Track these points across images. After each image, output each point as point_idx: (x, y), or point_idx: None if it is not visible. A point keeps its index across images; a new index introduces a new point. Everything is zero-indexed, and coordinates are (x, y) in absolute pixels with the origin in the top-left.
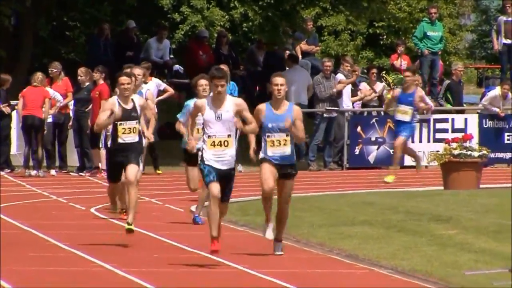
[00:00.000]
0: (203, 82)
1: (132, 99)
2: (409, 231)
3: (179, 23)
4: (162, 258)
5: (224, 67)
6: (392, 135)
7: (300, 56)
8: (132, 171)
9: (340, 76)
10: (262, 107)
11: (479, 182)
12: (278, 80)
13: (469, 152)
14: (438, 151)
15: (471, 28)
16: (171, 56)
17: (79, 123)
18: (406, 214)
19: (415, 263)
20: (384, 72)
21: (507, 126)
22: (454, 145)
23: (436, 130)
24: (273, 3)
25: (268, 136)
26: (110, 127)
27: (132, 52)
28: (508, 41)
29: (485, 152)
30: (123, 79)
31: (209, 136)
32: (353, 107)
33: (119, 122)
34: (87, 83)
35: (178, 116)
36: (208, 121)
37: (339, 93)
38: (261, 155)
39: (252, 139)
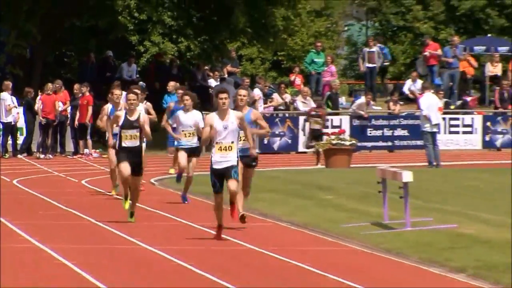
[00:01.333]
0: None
1: (139, 113)
2: (302, 197)
3: (143, 53)
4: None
5: (175, 83)
6: (290, 131)
7: (226, 75)
8: (137, 178)
9: (257, 91)
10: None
11: (350, 163)
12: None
13: (342, 142)
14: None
15: (345, 56)
16: (137, 75)
17: (74, 122)
18: (300, 185)
19: (307, 219)
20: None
21: (368, 124)
22: (333, 137)
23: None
24: (208, 38)
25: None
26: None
27: (110, 73)
28: (370, 65)
29: (354, 142)
30: (131, 96)
31: (217, 142)
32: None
33: (122, 130)
34: (79, 95)
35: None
36: (217, 130)
37: (254, 102)
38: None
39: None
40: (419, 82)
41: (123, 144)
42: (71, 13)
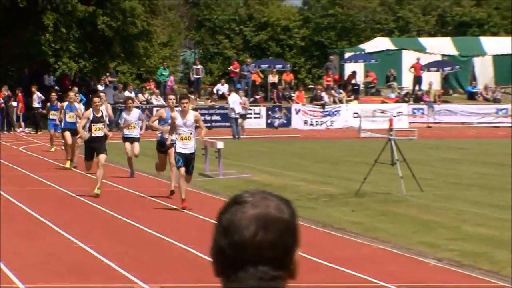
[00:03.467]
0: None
1: (101, 110)
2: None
3: (57, 69)
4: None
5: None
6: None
7: (108, 83)
8: (102, 157)
9: (127, 93)
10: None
11: None
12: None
13: None
14: None
15: (180, 71)
16: (54, 83)
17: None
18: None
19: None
20: (144, 89)
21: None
22: None
23: None
24: (97, 60)
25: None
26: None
27: (37, 81)
28: (197, 76)
29: None
30: (96, 99)
31: (179, 133)
32: None
33: (92, 124)
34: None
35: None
36: (178, 125)
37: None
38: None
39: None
40: (227, 86)
41: (92, 135)
42: (13, 44)
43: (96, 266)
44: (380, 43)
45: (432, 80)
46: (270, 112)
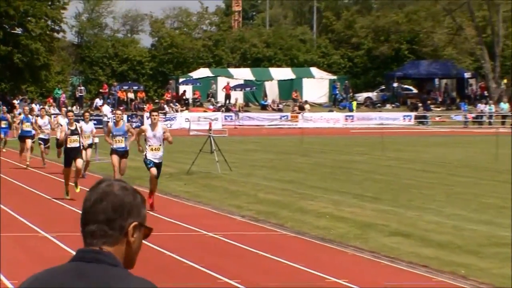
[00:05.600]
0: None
1: (76, 124)
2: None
3: None
4: None
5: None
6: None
7: (21, 98)
8: (79, 162)
9: (32, 106)
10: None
11: None
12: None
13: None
14: None
15: (69, 91)
16: None
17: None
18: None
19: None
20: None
21: None
22: None
23: None
24: (14, 83)
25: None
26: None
27: None
28: (80, 94)
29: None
30: (70, 114)
31: (149, 145)
32: None
33: (68, 136)
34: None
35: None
36: (148, 137)
37: (32, 110)
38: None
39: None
40: (101, 101)
41: (68, 145)
42: None
43: None
44: (202, 72)
45: (238, 96)
46: (129, 118)
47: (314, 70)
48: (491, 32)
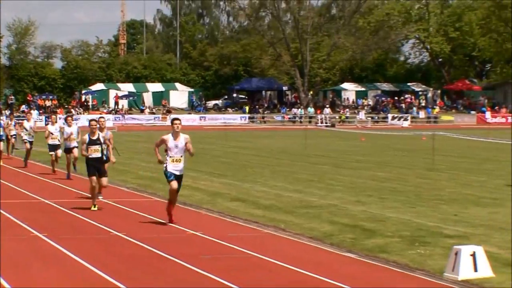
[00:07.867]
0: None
1: (98, 133)
2: None
3: None
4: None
5: None
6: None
7: None
8: (104, 179)
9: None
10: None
11: None
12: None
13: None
14: None
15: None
16: None
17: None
18: None
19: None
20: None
21: None
22: None
23: None
24: None
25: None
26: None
27: None
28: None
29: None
30: (93, 122)
31: (170, 156)
32: None
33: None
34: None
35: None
36: (170, 147)
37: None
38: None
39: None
40: (28, 108)
41: (90, 155)
42: None
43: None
44: (98, 86)
45: (123, 103)
46: (47, 118)
47: (177, 85)
48: (301, 58)
